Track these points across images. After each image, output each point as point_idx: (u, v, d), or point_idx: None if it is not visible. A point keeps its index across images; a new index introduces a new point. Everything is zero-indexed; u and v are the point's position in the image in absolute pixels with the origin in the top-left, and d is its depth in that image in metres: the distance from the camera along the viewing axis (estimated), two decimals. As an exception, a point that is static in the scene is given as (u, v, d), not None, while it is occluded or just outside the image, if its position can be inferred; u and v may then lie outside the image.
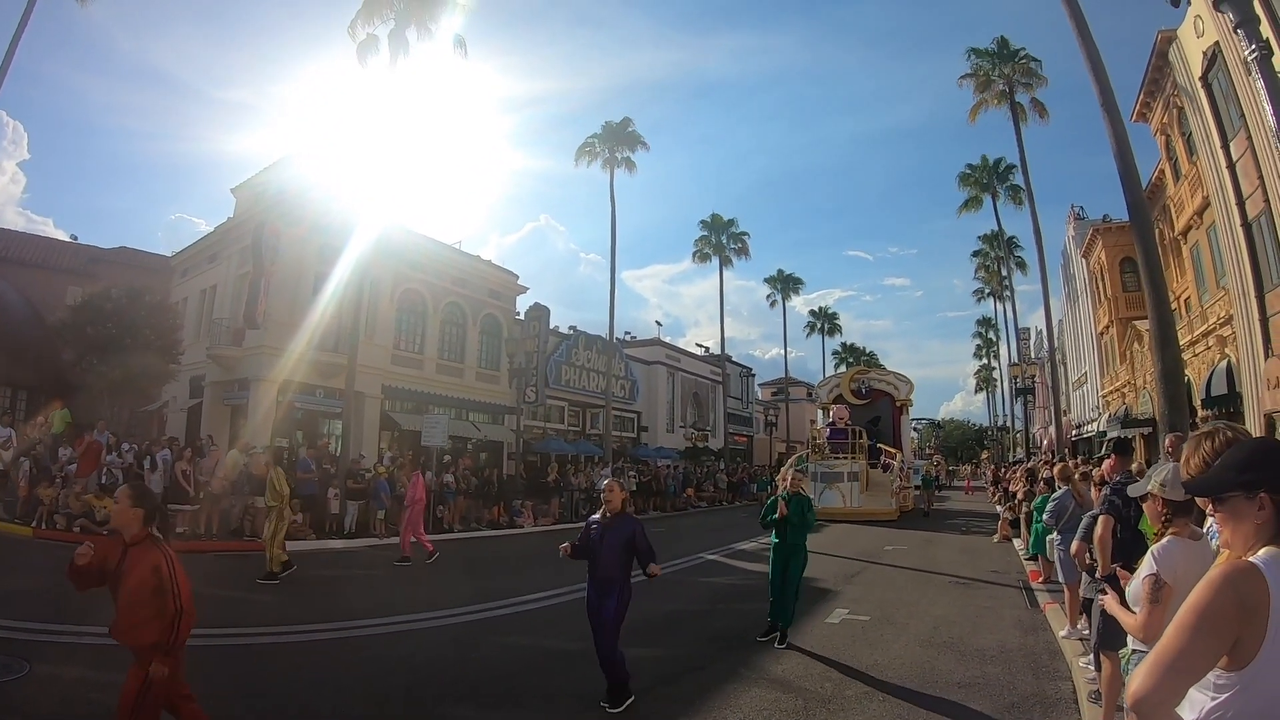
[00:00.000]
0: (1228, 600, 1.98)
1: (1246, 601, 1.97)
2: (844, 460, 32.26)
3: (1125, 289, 38.66)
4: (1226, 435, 2.50)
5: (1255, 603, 1.97)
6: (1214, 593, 2.01)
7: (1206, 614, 1.98)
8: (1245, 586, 1.99)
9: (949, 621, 10.94)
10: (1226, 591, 1.99)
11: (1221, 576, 2.04)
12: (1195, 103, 23.06)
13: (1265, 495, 2.14)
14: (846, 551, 19.52)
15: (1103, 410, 43.09)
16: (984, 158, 47.89)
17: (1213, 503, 2.33)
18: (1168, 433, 12.19)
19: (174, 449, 19.70)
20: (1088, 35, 15.12)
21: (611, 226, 44.06)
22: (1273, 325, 19.66)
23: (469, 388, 37.70)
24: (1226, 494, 2.24)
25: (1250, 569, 2.04)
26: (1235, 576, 2.02)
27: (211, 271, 32.78)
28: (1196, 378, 25.94)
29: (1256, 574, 2.01)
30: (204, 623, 9.35)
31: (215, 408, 29.40)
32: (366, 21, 25.16)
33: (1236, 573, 2.04)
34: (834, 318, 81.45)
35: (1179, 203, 28.02)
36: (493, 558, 18.89)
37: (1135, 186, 14.33)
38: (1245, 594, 1.98)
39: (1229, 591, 1.99)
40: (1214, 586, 2.02)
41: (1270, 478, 2.16)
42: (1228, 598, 1.98)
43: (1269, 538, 2.12)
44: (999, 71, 37.73)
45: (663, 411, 56.70)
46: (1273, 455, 2.23)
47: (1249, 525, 2.16)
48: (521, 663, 8.65)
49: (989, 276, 65.17)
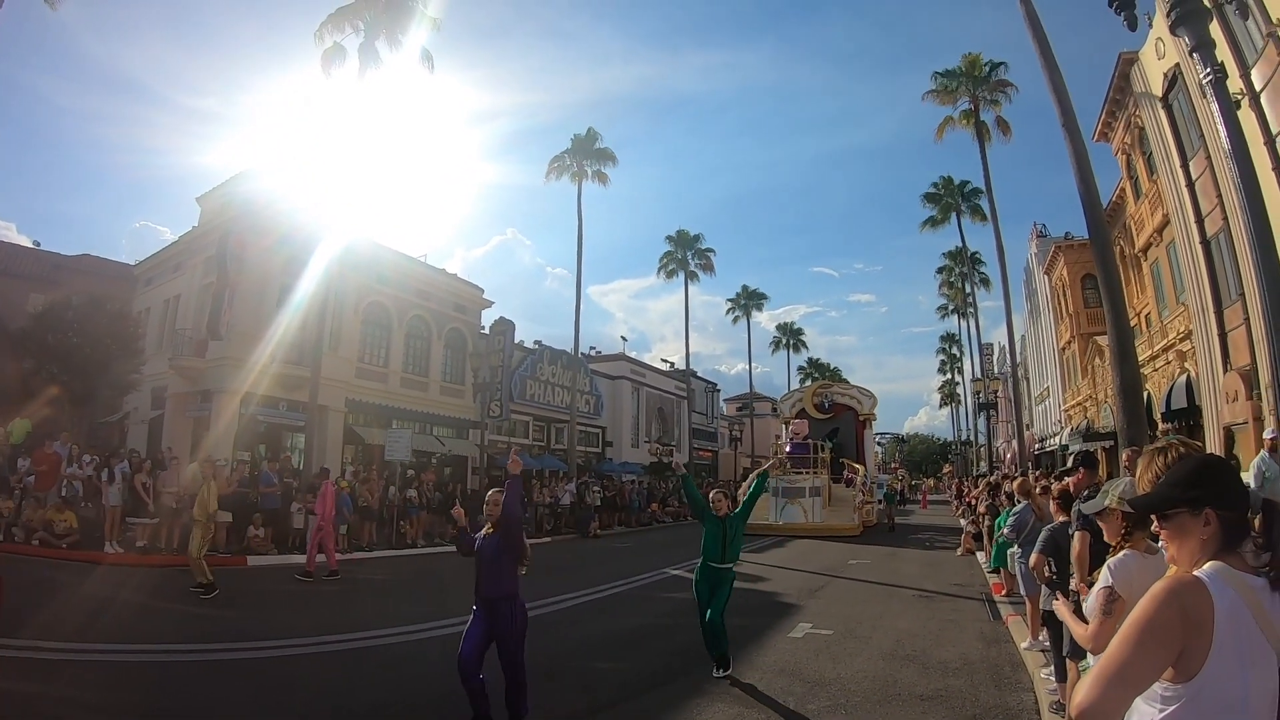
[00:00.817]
0: (1171, 613, 2.00)
1: (1190, 614, 1.99)
2: (806, 475, 31.96)
3: (1087, 305, 39.20)
4: (1179, 451, 2.52)
5: (1199, 616, 1.99)
6: (1158, 606, 2.02)
7: (1150, 627, 2.00)
8: (1189, 600, 2.01)
9: (912, 635, 10.97)
10: (1170, 605, 2.01)
11: (1165, 590, 2.05)
12: (1156, 123, 23.46)
13: (1210, 511, 2.17)
14: (810, 566, 19.56)
15: (1065, 424, 43.62)
16: (948, 178, 48.48)
17: (1158, 519, 2.35)
18: (1126, 446, 12.41)
19: (133, 461, 19.44)
20: (1050, 56, 15.40)
21: (578, 241, 44.04)
22: (1231, 340, 20.00)
23: (433, 402, 37.49)
24: (1172, 510, 2.28)
25: (1194, 583, 2.06)
26: (1179, 590, 2.05)
27: (175, 281, 32.47)
28: (1157, 391, 26.39)
29: (1200, 587, 2.04)
30: (139, 638, 9.39)
31: (177, 419, 29.05)
32: (335, 29, 25.10)
33: (1180, 586, 2.06)
34: (799, 333, 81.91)
35: (1139, 221, 28.46)
36: (456, 573, 18.76)
37: (1095, 205, 14.56)
38: (1189, 607, 2.00)
39: (1173, 604, 2.01)
40: (1158, 600, 2.04)
41: (1214, 494, 2.20)
42: (1171, 611, 2.00)
43: (1213, 552, 2.15)
44: (965, 88, 38.22)
45: (627, 426, 56.68)
46: (1215, 471, 2.27)
47: (1194, 541, 2.19)
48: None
49: (953, 293, 65.85)
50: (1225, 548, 2.15)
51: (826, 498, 31.17)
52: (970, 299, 57.52)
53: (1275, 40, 15.38)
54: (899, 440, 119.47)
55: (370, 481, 23.51)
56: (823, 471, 32.77)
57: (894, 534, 30.80)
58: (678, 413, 64.79)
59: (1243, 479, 2.26)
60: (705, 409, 72.13)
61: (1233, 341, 19.88)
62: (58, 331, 24.85)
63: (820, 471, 32.57)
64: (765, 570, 19.00)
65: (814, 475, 31.92)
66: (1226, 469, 2.31)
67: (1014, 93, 38.37)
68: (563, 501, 31.61)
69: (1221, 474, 2.26)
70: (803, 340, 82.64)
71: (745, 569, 19.15)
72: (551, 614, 12.41)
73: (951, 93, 38.72)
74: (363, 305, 33.72)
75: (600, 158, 45.08)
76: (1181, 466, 2.33)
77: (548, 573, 18.39)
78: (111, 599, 11.92)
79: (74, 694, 7.23)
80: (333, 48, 25.03)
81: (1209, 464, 2.32)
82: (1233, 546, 2.16)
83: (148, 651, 8.89)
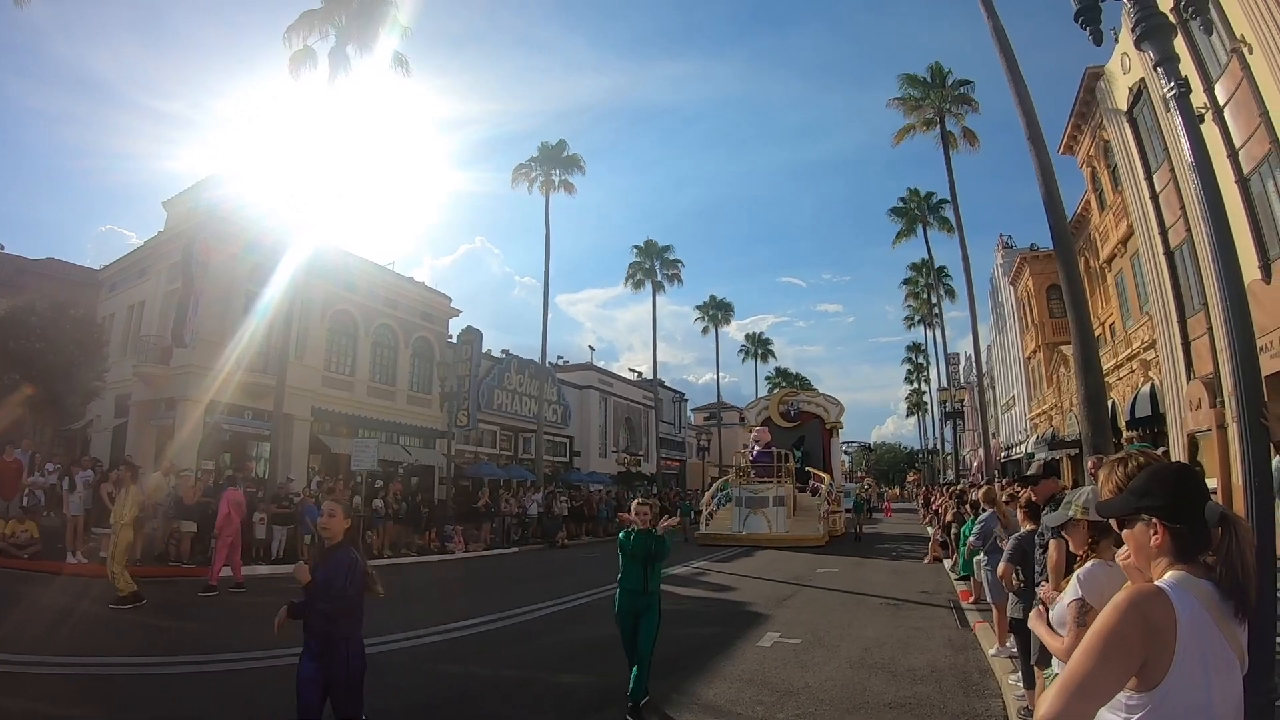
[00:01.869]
0: (1132, 624, 2.01)
1: (1152, 624, 2.00)
2: (770, 484, 31.47)
3: (1052, 315, 39.57)
4: (1139, 460, 2.54)
5: (1161, 625, 2.00)
6: (1119, 616, 2.03)
7: (1112, 638, 2.01)
8: (1149, 609, 2.02)
9: (880, 642, 11.00)
10: (1131, 615, 2.02)
11: (1126, 600, 2.06)
12: (1121, 136, 23.77)
13: (1156, 520, 2.20)
14: (777, 575, 19.60)
15: (1030, 433, 43.97)
16: (915, 190, 49.07)
17: (1119, 526, 2.37)
18: (1091, 454, 12.56)
19: (97, 470, 19.19)
20: (1016, 70, 15.59)
21: (546, 250, 44.13)
22: (1194, 349, 20.32)
23: (400, 411, 37.30)
24: (1128, 518, 2.30)
25: (1155, 592, 2.07)
26: (1139, 600, 2.05)
27: (140, 287, 32.05)
28: (1121, 400, 26.75)
29: (1162, 597, 2.05)
30: (104, 650, 9.26)
31: (141, 427, 28.67)
32: (306, 33, 24.91)
33: (1140, 596, 2.07)
34: (767, 343, 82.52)
35: (1104, 232, 28.82)
36: (423, 584, 18.66)
37: (1060, 216, 14.73)
38: (1150, 616, 2.01)
39: (1133, 615, 2.02)
40: (1119, 610, 2.04)
41: (1157, 504, 2.23)
42: (1132, 621, 2.01)
43: (1170, 561, 2.17)
44: (930, 99, 38.64)
45: (595, 436, 56.70)
46: (1161, 480, 2.28)
47: (1148, 550, 2.22)
48: (448, 692, 8.52)
49: (919, 304, 66.38)
50: (1183, 556, 2.17)
51: (791, 507, 30.77)
52: (936, 309, 58.02)
53: (1238, 56, 15.63)
54: (866, 449, 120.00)
55: (336, 491, 23.31)
56: (787, 480, 32.19)
57: (861, 544, 30.37)
58: (645, 422, 64.84)
59: (1204, 488, 2.27)
60: (673, 419, 72.21)
61: (1196, 350, 20.20)
62: (20, 337, 24.40)
63: (785, 480, 31.97)
64: (733, 579, 19.03)
65: (778, 484, 31.39)
66: (1179, 478, 2.30)
67: (981, 105, 39.05)
68: (530, 511, 31.48)
69: (1171, 483, 2.27)
70: (771, 350, 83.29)
71: (712, 578, 19.22)
72: (520, 625, 12.37)
73: (917, 105, 39.10)
74: (329, 313, 33.52)
75: (568, 165, 45.16)
76: (1139, 475, 2.35)
77: (516, 584, 18.30)
78: (74, 610, 11.74)
79: (38, 708, 7.09)
80: (302, 50, 24.82)
81: (1158, 473, 2.33)
82: (1192, 555, 2.17)
83: (112, 665, 8.76)
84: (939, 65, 38.94)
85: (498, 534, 29.48)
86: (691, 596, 16.51)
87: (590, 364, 61.26)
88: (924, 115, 39.22)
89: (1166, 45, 4.05)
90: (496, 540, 29.01)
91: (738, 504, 30.53)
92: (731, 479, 34.40)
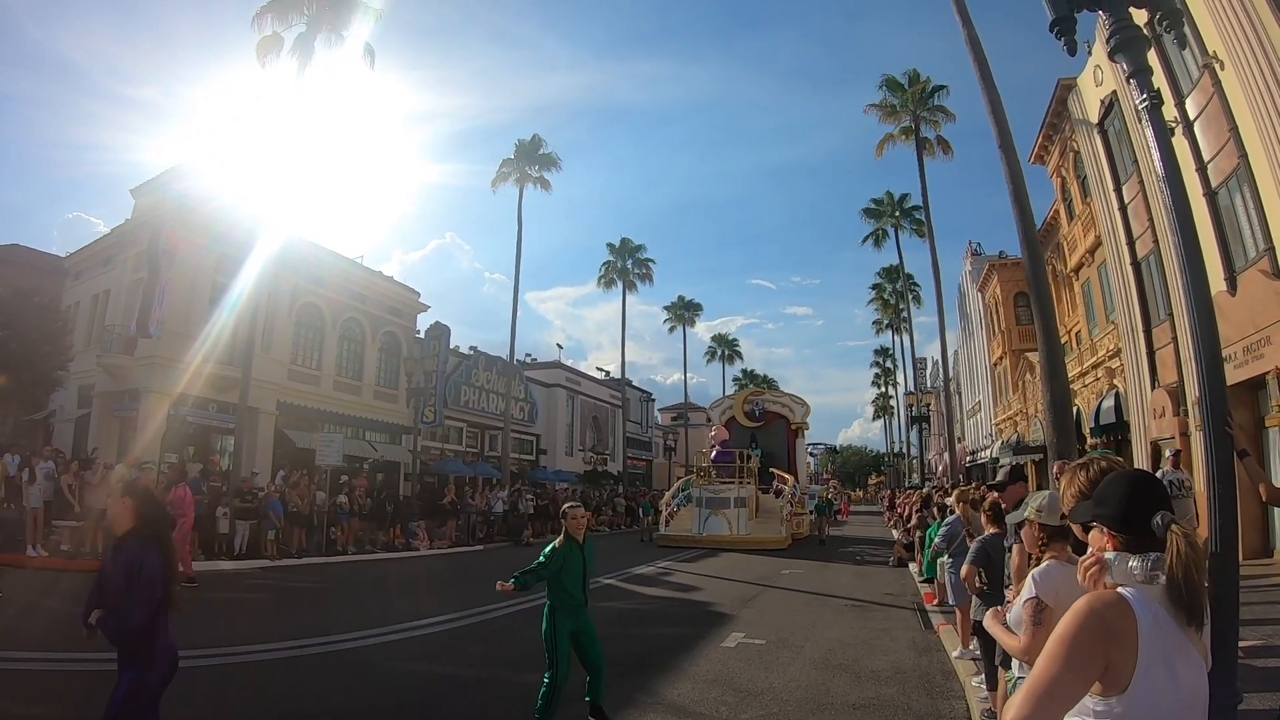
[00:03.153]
0: (1093, 628, 2.02)
1: (1112, 629, 2.02)
2: (731, 485, 30.94)
3: (1019, 322, 39.94)
4: (1100, 466, 2.57)
5: (1121, 630, 2.02)
6: (1080, 621, 2.05)
7: (1074, 642, 2.02)
8: (1109, 615, 2.04)
9: (844, 644, 11.03)
10: (1091, 620, 2.04)
11: (1086, 606, 2.08)
12: (1091, 148, 24.09)
13: (1105, 526, 2.26)
14: (742, 576, 19.64)
15: (996, 438, 44.47)
16: (889, 193, 49.50)
17: (1083, 531, 2.42)
18: (1056, 460, 12.72)
19: (59, 461, 18.92)
20: (990, 80, 15.75)
21: (517, 247, 43.93)
22: (1159, 358, 20.70)
23: (367, 406, 37.14)
24: (1088, 524, 2.35)
25: (1115, 598, 2.09)
26: (1099, 605, 2.07)
27: (105, 275, 31.70)
28: (1086, 407, 27.17)
29: (1122, 602, 2.07)
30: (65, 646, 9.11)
31: (104, 419, 28.33)
32: (278, 19, 24.70)
33: (1100, 603, 2.09)
34: (735, 344, 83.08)
35: (1072, 241, 29.15)
36: (387, 581, 18.59)
37: (1029, 224, 14.92)
38: (1110, 621, 2.03)
39: (1093, 620, 2.04)
40: (1079, 615, 2.06)
41: (1107, 513, 2.28)
42: (1092, 626, 2.03)
43: None
44: (906, 104, 38.82)
45: (562, 434, 56.68)
46: (1112, 488, 2.33)
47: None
48: (410, 693, 8.49)
49: (887, 309, 66.85)
50: None
51: (753, 509, 30.23)
52: (905, 315, 58.43)
53: (1210, 71, 15.84)
54: (832, 451, 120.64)
55: (300, 486, 23.14)
56: (750, 481, 31.63)
57: (825, 547, 29.53)
58: (612, 421, 64.91)
59: (1157, 497, 2.30)
60: (640, 418, 72.31)
61: (1161, 359, 20.54)
62: (-18, 325, 24.12)
63: (747, 481, 31.47)
64: (697, 580, 19.07)
65: (740, 485, 30.85)
66: (1131, 487, 2.33)
67: (954, 113, 39.29)
68: (496, 509, 31.37)
69: (1121, 492, 2.31)
70: (738, 351, 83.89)
71: (677, 578, 19.24)
72: (484, 623, 12.32)
73: (894, 112, 39.32)
74: (297, 306, 33.31)
75: (544, 163, 44.96)
76: (1103, 483, 2.39)
77: (479, 581, 18.20)
78: (35, 605, 11.61)
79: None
80: (271, 37, 24.58)
81: (1112, 482, 2.38)
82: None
83: (75, 660, 8.62)
84: (916, 72, 39.22)
85: (463, 531, 29.37)
86: (656, 596, 16.53)
87: (558, 362, 61.23)
88: (900, 122, 39.40)
89: (1140, 57, 4.09)
90: (462, 537, 28.92)
91: (698, 505, 30.05)
92: (694, 479, 33.89)
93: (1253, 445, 14.88)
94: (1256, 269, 15.10)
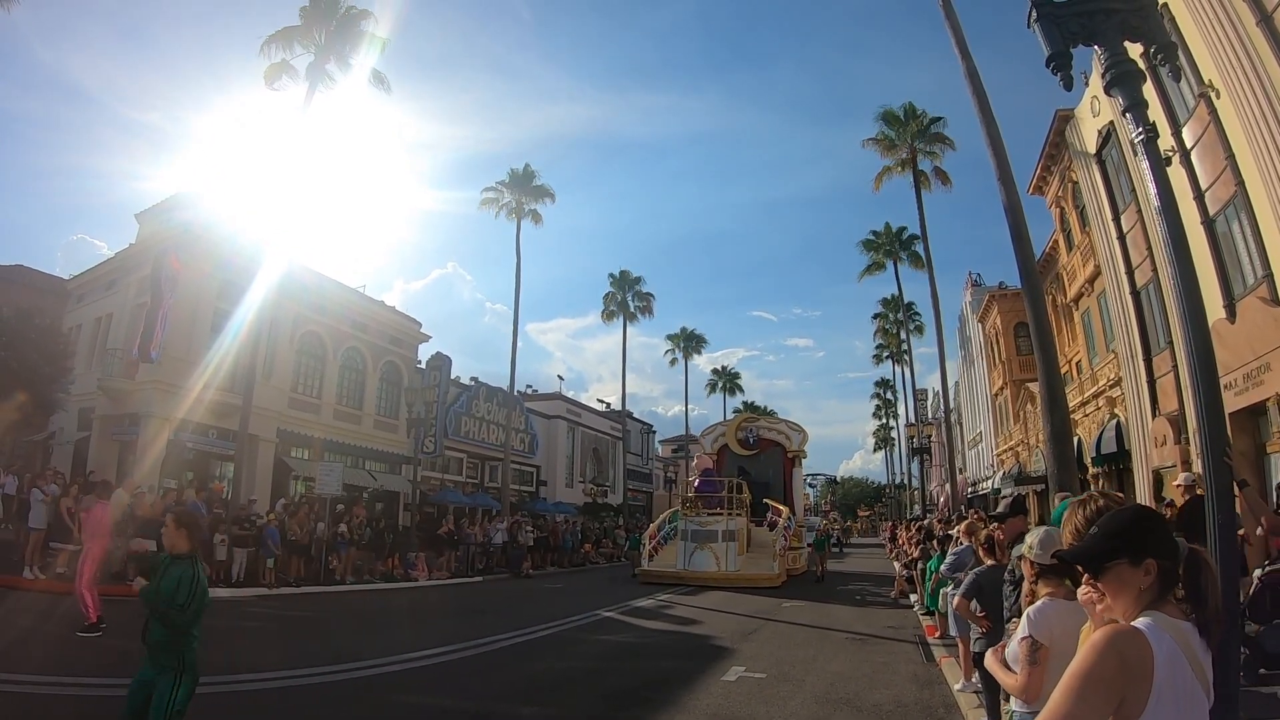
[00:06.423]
0: (1111, 664, 2.02)
1: (1130, 664, 2.01)
2: (720, 517, 28.42)
3: (1019, 352, 39.92)
4: (1098, 503, 2.56)
5: (1139, 665, 2.01)
6: (1097, 656, 2.04)
7: (1090, 678, 2.01)
8: (1128, 650, 2.04)
9: (846, 677, 10.97)
10: (1109, 655, 2.03)
11: (1105, 640, 2.07)
12: (1089, 178, 24.25)
13: (1151, 561, 2.20)
14: (742, 609, 19.53)
15: (997, 468, 44.41)
16: (887, 225, 49.45)
17: (1091, 570, 2.33)
18: (1057, 490, 12.71)
19: (60, 483, 18.88)
20: (988, 112, 15.86)
21: (516, 277, 44.13)
22: (1159, 386, 20.74)
23: (367, 435, 37.10)
24: (1110, 562, 2.27)
25: (1133, 633, 2.09)
26: (1118, 640, 2.06)
27: (108, 299, 31.71)
28: (1088, 436, 27.15)
29: (1140, 638, 2.06)
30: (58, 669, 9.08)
31: (103, 442, 28.20)
32: (285, 48, 24.96)
33: (1119, 636, 2.08)
34: (736, 377, 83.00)
35: (1071, 271, 29.28)
36: (385, 611, 18.50)
37: (1028, 254, 14.98)
38: (1128, 657, 2.02)
39: (1111, 655, 2.03)
40: (1098, 650, 2.05)
41: (1155, 543, 2.23)
42: (1111, 661, 2.02)
43: (1149, 602, 2.18)
44: (903, 137, 39.01)
45: (562, 466, 56.47)
46: (1151, 522, 2.31)
47: (1133, 591, 2.20)
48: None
49: (888, 340, 66.93)
50: (1160, 596, 2.19)
51: (743, 543, 28.00)
52: (905, 345, 58.48)
53: (1206, 100, 15.95)
54: (832, 482, 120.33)
55: (299, 515, 23.05)
56: (740, 513, 29.28)
57: (822, 585, 27.42)
58: (613, 453, 64.73)
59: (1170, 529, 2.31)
60: (640, 450, 72.14)
61: (1161, 388, 20.58)
62: (-16, 345, 24.09)
63: (737, 513, 28.99)
64: (697, 613, 18.96)
65: (729, 516, 28.28)
66: (1159, 519, 2.35)
67: (953, 145, 39.37)
68: (495, 540, 31.20)
69: (1157, 524, 2.30)
70: (739, 383, 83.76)
71: (677, 611, 19.15)
72: (481, 656, 12.24)
73: (892, 146, 39.44)
74: (298, 334, 33.32)
75: (538, 194, 45.24)
76: (1118, 519, 2.35)
77: (479, 613, 18.16)
78: (32, 629, 11.57)
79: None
80: (279, 64, 24.95)
81: (1145, 515, 2.36)
82: (1165, 595, 2.20)
83: (67, 684, 8.56)
84: (912, 106, 39.32)
85: (462, 562, 29.22)
86: (655, 629, 16.44)
87: (559, 393, 61.16)
88: (899, 155, 39.43)
89: (1135, 91, 4.13)
90: (460, 568, 28.76)
91: (683, 538, 27.94)
92: (681, 510, 31.18)
93: (1254, 472, 14.90)
94: (1255, 295, 15.13)
